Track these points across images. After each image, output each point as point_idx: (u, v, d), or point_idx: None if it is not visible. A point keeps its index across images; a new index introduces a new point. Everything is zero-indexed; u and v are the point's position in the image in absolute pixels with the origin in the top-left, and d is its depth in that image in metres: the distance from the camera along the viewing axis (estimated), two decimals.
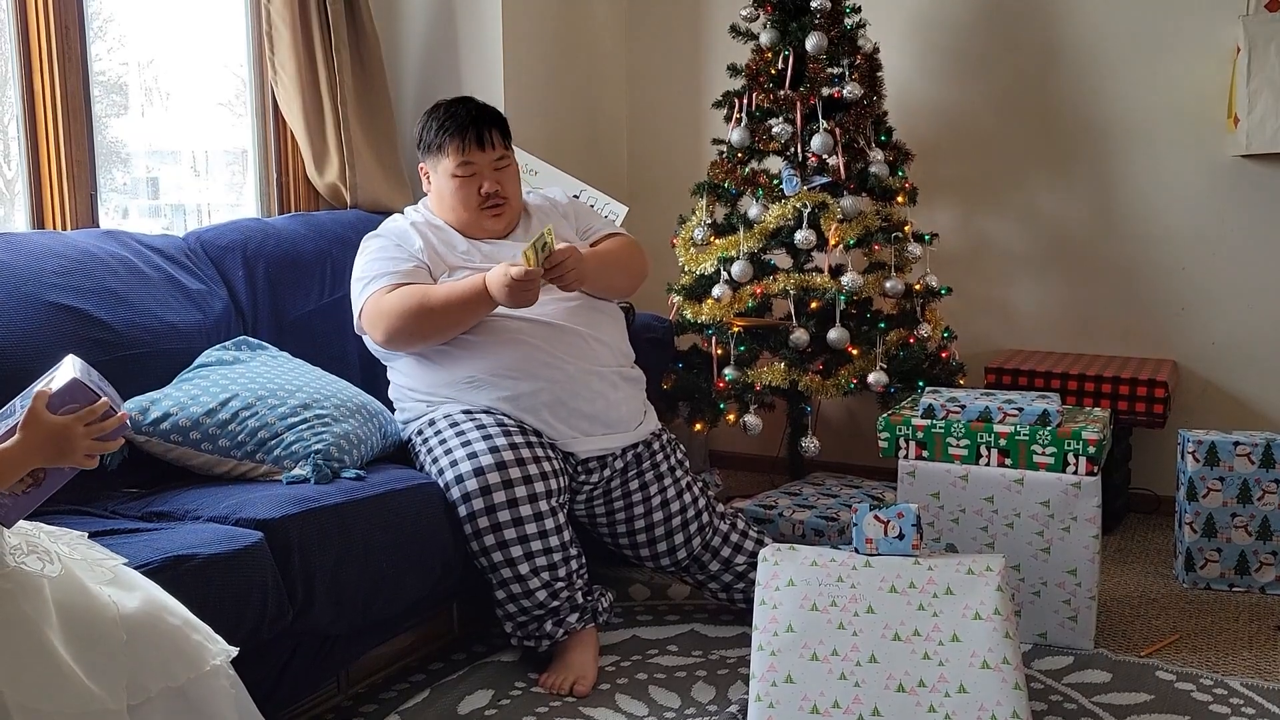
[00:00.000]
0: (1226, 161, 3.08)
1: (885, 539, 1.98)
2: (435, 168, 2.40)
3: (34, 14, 2.38)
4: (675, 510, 2.39)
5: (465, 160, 2.35)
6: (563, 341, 2.29)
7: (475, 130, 2.35)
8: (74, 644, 1.23)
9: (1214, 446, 2.63)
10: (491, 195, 2.37)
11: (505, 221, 2.42)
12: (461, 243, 2.38)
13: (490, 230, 2.40)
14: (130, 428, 1.30)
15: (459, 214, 2.39)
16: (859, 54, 2.96)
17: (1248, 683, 2.18)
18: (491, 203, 2.37)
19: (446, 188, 2.38)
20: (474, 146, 2.35)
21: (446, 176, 2.37)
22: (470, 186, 2.36)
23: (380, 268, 2.32)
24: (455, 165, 2.35)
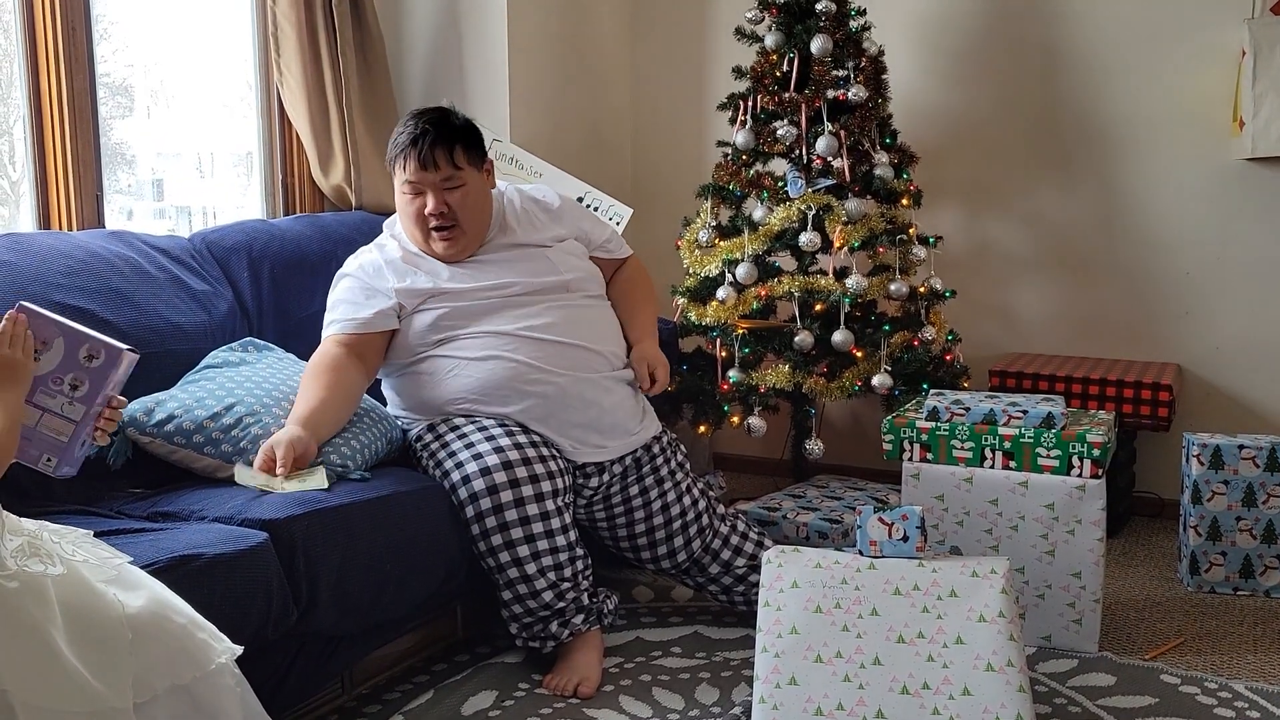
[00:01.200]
0: (1231, 165, 3.08)
1: (889, 541, 1.98)
2: (394, 181, 2.33)
3: (40, 16, 2.39)
4: (676, 514, 2.39)
5: (409, 179, 2.26)
6: (549, 355, 2.26)
7: (421, 149, 2.23)
8: (79, 643, 1.23)
9: (1219, 450, 2.62)
10: (437, 215, 2.25)
11: (459, 246, 2.29)
12: (443, 270, 2.30)
13: (441, 254, 2.30)
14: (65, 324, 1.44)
15: (411, 232, 2.32)
16: (864, 56, 2.96)
17: (1252, 686, 2.17)
18: (436, 224, 2.26)
19: (400, 204, 2.31)
20: (416, 165, 2.24)
21: (398, 193, 2.30)
22: (416, 205, 2.27)
23: (341, 311, 2.28)
24: (403, 182, 2.28)
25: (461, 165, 2.27)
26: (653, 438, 2.41)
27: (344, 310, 2.29)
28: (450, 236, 2.28)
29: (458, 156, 2.27)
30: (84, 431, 1.41)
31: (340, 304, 2.31)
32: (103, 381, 1.41)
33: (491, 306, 2.27)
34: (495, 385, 2.24)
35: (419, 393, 2.30)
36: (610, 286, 2.50)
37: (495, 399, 2.24)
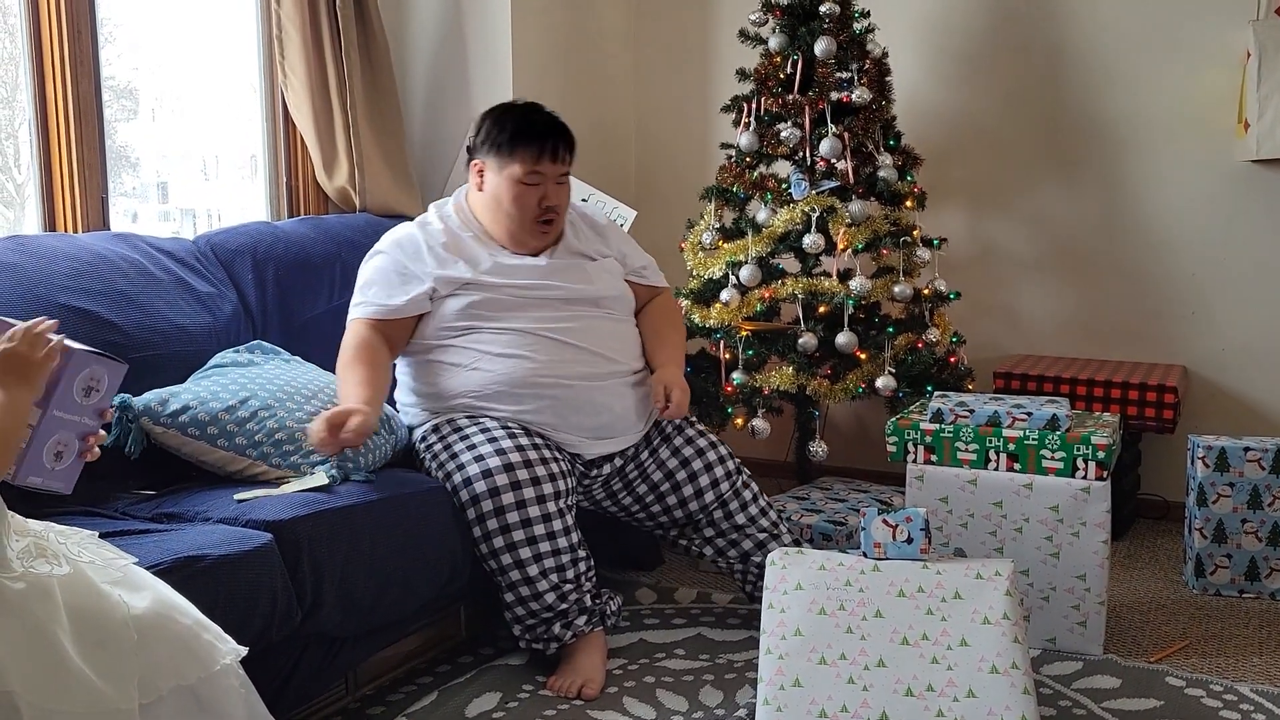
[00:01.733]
0: (1236, 167, 3.08)
1: (893, 543, 1.98)
2: (498, 170, 2.31)
3: (46, 19, 2.40)
4: (690, 455, 2.38)
5: (535, 170, 2.29)
6: (567, 358, 2.28)
7: (552, 142, 2.30)
8: (84, 644, 1.23)
9: (1224, 452, 2.62)
10: (549, 209, 2.32)
11: (550, 238, 2.37)
12: (485, 259, 2.32)
13: (536, 243, 2.35)
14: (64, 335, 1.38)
15: (509, 220, 2.32)
16: (868, 58, 2.96)
17: (1258, 688, 2.17)
18: (547, 216, 2.32)
19: (506, 193, 2.31)
20: (548, 158, 2.30)
21: (510, 181, 2.30)
22: (532, 196, 2.30)
23: (373, 293, 2.29)
24: (524, 173, 2.29)
25: (571, 164, 2.37)
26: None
27: (376, 293, 2.29)
28: (549, 229, 2.36)
29: (572, 155, 2.37)
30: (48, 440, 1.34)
31: (372, 285, 2.30)
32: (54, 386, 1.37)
33: (521, 304, 2.29)
34: (510, 384, 2.25)
35: (435, 381, 2.31)
36: (641, 314, 2.50)
37: (508, 398, 2.25)
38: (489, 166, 2.34)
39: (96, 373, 1.37)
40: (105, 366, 1.38)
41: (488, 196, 2.35)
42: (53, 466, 1.34)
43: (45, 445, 1.33)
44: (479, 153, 2.35)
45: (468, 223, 2.38)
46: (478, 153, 2.36)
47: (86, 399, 1.36)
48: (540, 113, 2.36)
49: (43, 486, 1.35)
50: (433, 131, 3.30)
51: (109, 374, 1.39)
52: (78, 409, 1.36)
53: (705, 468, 2.38)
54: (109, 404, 1.40)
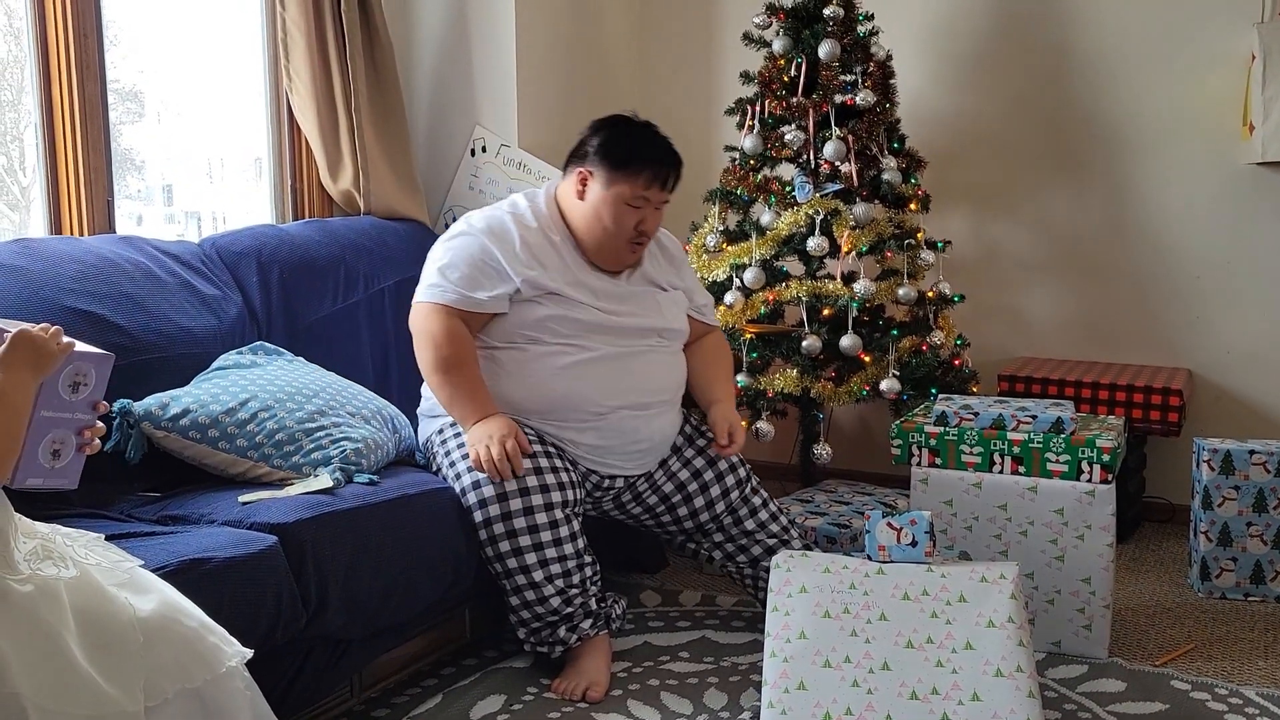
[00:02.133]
0: (1241, 169, 3.07)
1: (898, 546, 1.98)
2: (606, 184, 2.23)
3: (52, 23, 2.40)
4: (702, 466, 2.37)
5: (645, 195, 2.23)
6: (616, 385, 2.25)
7: (672, 171, 2.26)
8: (90, 647, 1.23)
9: (1229, 455, 2.62)
10: (643, 234, 2.27)
11: (635, 259, 2.33)
12: (568, 268, 2.26)
13: (621, 263, 2.31)
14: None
15: (603, 236, 2.26)
16: (872, 61, 2.96)
17: (1263, 692, 2.16)
18: (639, 239, 2.28)
19: (608, 209, 2.23)
20: (658, 185, 2.24)
21: (615, 198, 2.22)
22: (632, 219, 2.24)
23: (456, 278, 2.20)
24: (633, 195, 2.22)
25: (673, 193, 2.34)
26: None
27: (460, 280, 2.20)
28: (637, 252, 2.32)
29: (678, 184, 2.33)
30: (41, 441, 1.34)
31: (456, 268, 2.22)
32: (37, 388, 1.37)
33: (590, 328, 2.24)
34: (554, 405, 2.22)
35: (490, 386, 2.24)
36: (693, 347, 2.46)
37: (552, 416, 2.23)
38: (596, 178, 2.25)
39: (81, 368, 1.36)
40: (90, 360, 1.38)
41: (587, 207, 2.26)
42: (51, 465, 1.34)
43: (39, 446, 1.33)
44: (588, 161, 2.26)
45: (556, 224, 2.30)
46: (587, 160, 2.26)
47: (75, 394, 1.36)
48: (659, 136, 2.30)
49: (45, 486, 1.35)
50: (437, 135, 3.30)
51: (95, 367, 1.38)
52: (67, 406, 1.35)
53: (716, 477, 2.37)
54: (101, 395, 1.40)
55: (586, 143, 2.29)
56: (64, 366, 1.33)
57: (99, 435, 1.40)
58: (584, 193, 2.27)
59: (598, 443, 2.26)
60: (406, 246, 2.90)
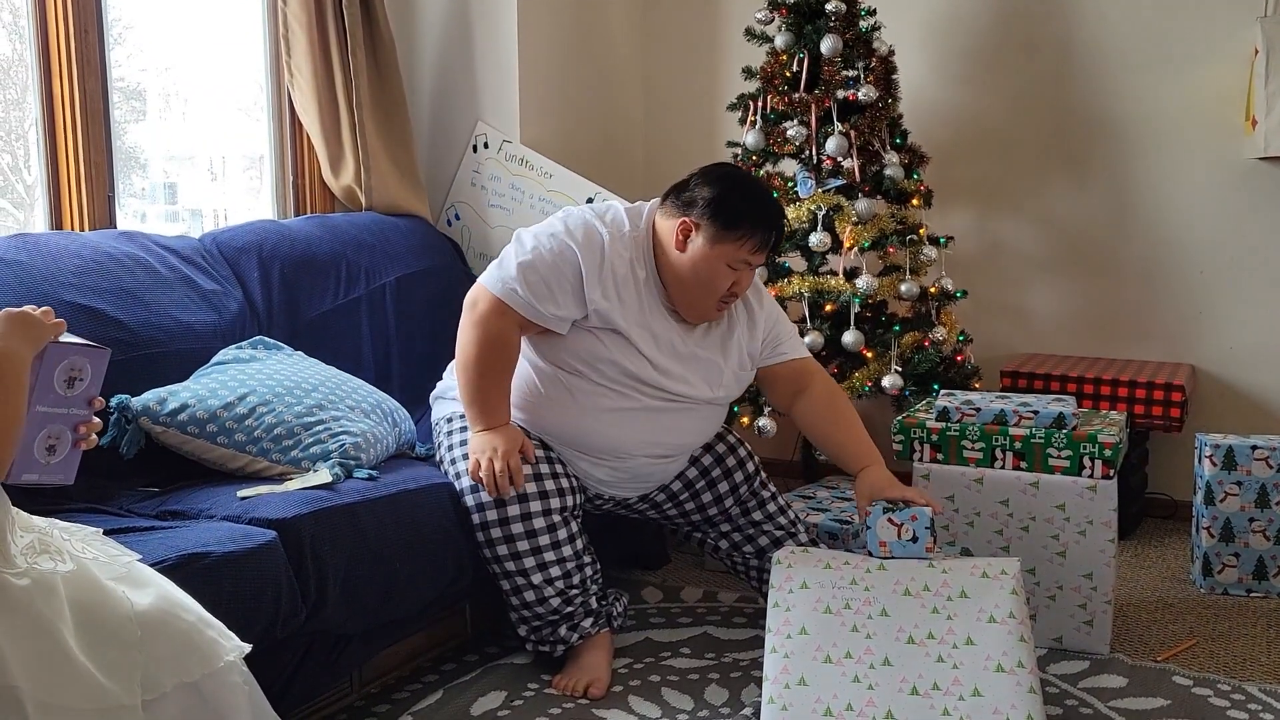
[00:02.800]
0: (1244, 164, 3.06)
1: (898, 541, 1.97)
2: (710, 242, 2.11)
3: (53, 18, 2.40)
4: (709, 464, 2.35)
5: (750, 260, 2.14)
6: (646, 437, 2.20)
7: (779, 237, 2.20)
8: (88, 641, 1.23)
9: (1231, 450, 2.61)
10: (735, 295, 2.18)
11: (718, 318, 2.23)
12: (649, 310, 2.16)
13: (704, 318, 2.20)
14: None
15: (693, 289, 2.15)
16: (874, 56, 2.96)
17: (1265, 688, 2.16)
18: (730, 299, 2.18)
19: (707, 266, 2.12)
20: (762, 253, 2.16)
21: (718, 257, 2.11)
22: (728, 280, 2.14)
23: (536, 280, 2.08)
24: (736, 258, 2.12)
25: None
26: None
27: (535, 285, 2.09)
28: (723, 311, 2.22)
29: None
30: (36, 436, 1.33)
31: (536, 270, 2.09)
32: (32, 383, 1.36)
33: (640, 379, 2.16)
34: (582, 441, 2.19)
35: (521, 401, 2.20)
36: (805, 407, 2.30)
37: (571, 449, 2.21)
38: (701, 232, 2.12)
39: (76, 363, 1.35)
40: (85, 355, 1.36)
41: (685, 260, 2.14)
42: (47, 461, 1.34)
43: (34, 441, 1.32)
44: (695, 212, 2.13)
45: (647, 259, 2.18)
46: (694, 211, 2.13)
47: (70, 390, 1.35)
48: (771, 199, 2.22)
49: (41, 482, 1.34)
50: (439, 130, 3.30)
51: (90, 362, 1.37)
52: (63, 401, 1.35)
53: (725, 474, 2.36)
54: (97, 391, 1.39)
55: (695, 190, 2.15)
56: (59, 361, 1.33)
57: (95, 431, 1.39)
58: (685, 244, 2.14)
59: (607, 478, 2.26)
60: (408, 242, 2.90)
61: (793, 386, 2.33)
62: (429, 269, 2.86)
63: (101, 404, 1.40)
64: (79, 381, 1.36)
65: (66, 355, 1.34)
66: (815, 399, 2.31)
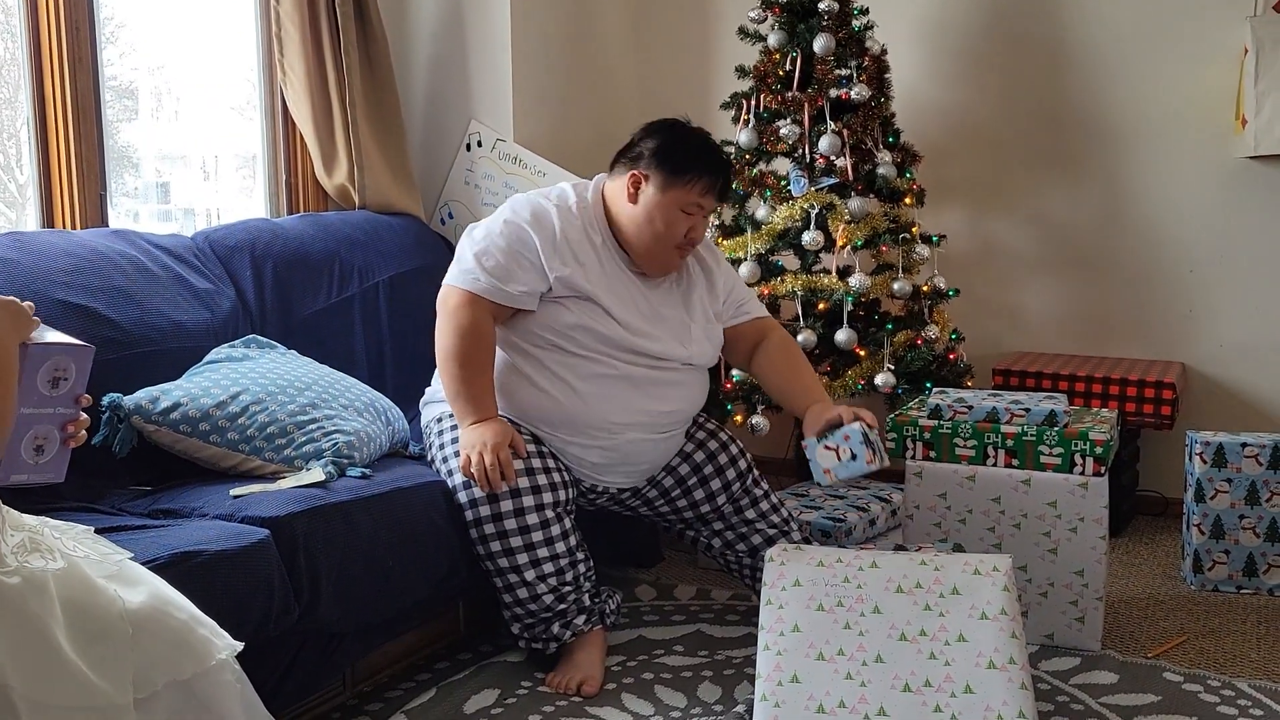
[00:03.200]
0: (1234, 163, 3.08)
1: (839, 464, 1.99)
2: (661, 189, 2.19)
3: (45, 17, 2.40)
4: (700, 460, 2.36)
5: (700, 203, 2.21)
6: (631, 410, 2.22)
7: (726, 182, 2.26)
8: (79, 639, 1.23)
9: (1222, 448, 2.62)
10: (691, 242, 2.25)
11: (678, 267, 2.30)
12: (611, 272, 2.22)
13: (666, 268, 2.27)
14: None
15: (650, 238, 2.21)
16: (867, 55, 2.96)
17: (1255, 684, 2.17)
18: (688, 246, 2.25)
19: (660, 213, 2.19)
20: (714, 195, 2.23)
21: (670, 203, 2.19)
22: (684, 225, 2.21)
23: (495, 268, 2.15)
24: (687, 201, 2.20)
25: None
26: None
27: (495, 269, 2.15)
28: (682, 258, 2.29)
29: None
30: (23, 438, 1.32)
31: (492, 255, 2.16)
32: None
33: (616, 343, 2.20)
34: (565, 420, 2.20)
35: (504, 390, 2.22)
36: (760, 358, 2.40)
37: (561, 431, 2.21)
38: (651, 182, 2.21)
39: (60, 363, 1.33)
40: (69, 354, 1.35)
41: (639, 211, 2.21)
42: (35, 461, 1.32)
43: (21, 443, 1.31)
44: (643, 164, 2.22)
45: (600, 224, 2.26)
46: (641, 163, 2.22)
47: (55, 389, 1.33)
48: (717, 146, 2.29)
49: (30, 482, 1.33)
50: (432, 129, 3.30)
51: (74, 361, 1.35)
52: (48, 401, 1.33)
53: (717, 471, 2.37)
54: (83, 388, 1.37)
55: (640, 145, 2.24)
56: (43, 362, 1.31)
57: (84, 428, 1.38)
58: (636, 196, 2.22)
59: (600, 460, 2.25)
60: (401, 241, 2.90)
61: (753, 342, 2.42)
62: (422, 268, 2.85)
63: (88, 401, 1.38)
64: (63, 381, 1.34)
65: (49, 356, 1.33)
66: (772, 349, 2.40)
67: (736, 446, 2.41)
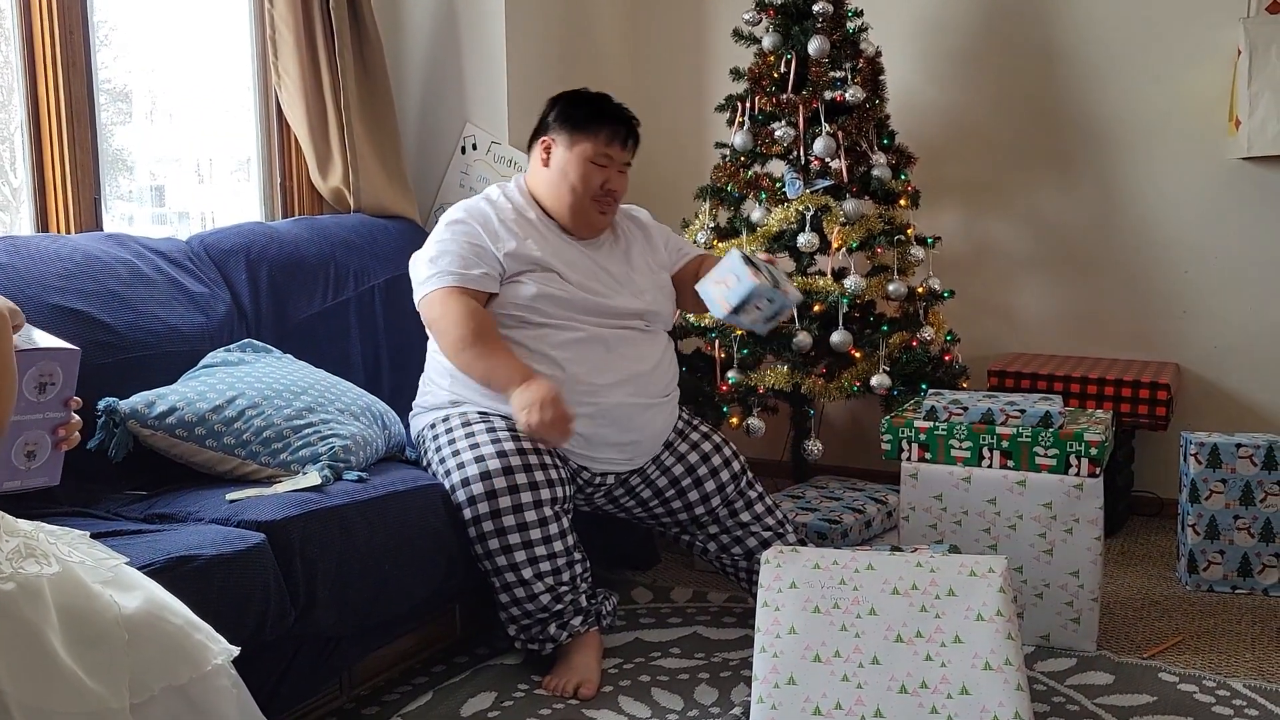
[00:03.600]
0: (1228, 164, 3.08)
1: (729, 290, 2.01)
2: (569, 146, 2.35)
3: (38, 20, 2.39)
4: (695, 461, 2.38)
5: (606, 152, 2.34)
6: (610, 370, 2.26)
7: (628, 128, 2.38)
8: (75, 644, 1.23)
9: (1216, 448, 2.63)
10: (610, 192, 2.36)
11: (606, 223, 2.40)
12: (553, 242, 2.33)
13: (592, 223, 2.37)
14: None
15: (571, 198, 2.34)
16: (861, 57, 2.97)
17: (1250, 684, 2.17)
18: (607, 199, 2.36)
19: (573, 168, 2.33)
20: (618, 143, 2.36)
21: (579, 159, 2.33)
22: (598, 177, 2.34)
23: (452, 262, 2.25)
24: (595, 153, 2.33)
25: (633, 157, 2.43)
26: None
27: (453, 263, 2.26)
28: (607, 211, 2.39)
29: (636, 148, 2.42)
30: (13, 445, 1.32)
31: (447, 254, 2.27)
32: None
33: (576, 304, 2.28)
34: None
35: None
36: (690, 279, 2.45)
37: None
38: (559, 143, 2.36)
39: (46, 368, 1.33)
40: (54, 359, 1.34)
41: (553, 172, 2.36)
42: (27, 467, 1.32)
43: (11, 450, 1.30)
44: (550, 130, 2.38)
45: (531, 204, 2.39)
46: (548, 130, 2.38)
47: (43, 395, 1.33)
48: (614, 101, 2.43)
49: (25, 488, 1.32)
50: (427, 132, 3.30)
51: (61, 365, 1.35)
52: (37, 407, 1.32)
53: (710, 473, 2.38)
54: (72, 391, 1.36)
55: (545, 116, 2.42)
56: (28, 368, 1.30)
57: (75, 430, 1.38)
58: (549, 159, 2.37)
59: (590, 431, 2.25)
60: (397, 244, 2.90)
61: (693, 270, 2.50)
62: None
63: (78, 403, 1.38)
64: (51, 386, 1.34)
65: (34, 362, 1.32)
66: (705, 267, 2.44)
67: (730, 449, 2.43)
